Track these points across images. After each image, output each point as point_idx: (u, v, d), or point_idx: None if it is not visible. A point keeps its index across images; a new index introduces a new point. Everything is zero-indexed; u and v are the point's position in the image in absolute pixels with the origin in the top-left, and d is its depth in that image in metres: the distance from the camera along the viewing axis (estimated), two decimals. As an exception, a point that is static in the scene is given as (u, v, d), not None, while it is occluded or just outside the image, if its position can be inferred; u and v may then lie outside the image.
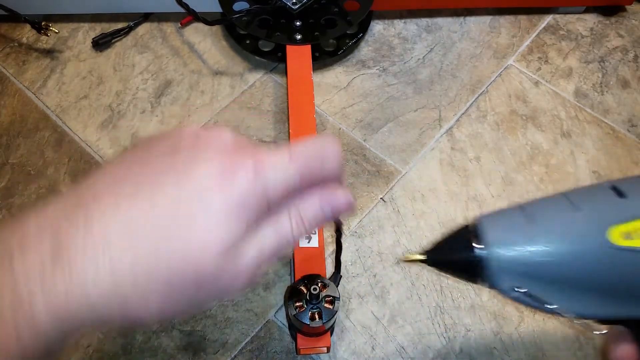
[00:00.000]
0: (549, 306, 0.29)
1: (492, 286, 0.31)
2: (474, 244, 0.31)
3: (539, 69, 0.60)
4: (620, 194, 0.30)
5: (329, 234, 0.50)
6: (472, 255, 0.31)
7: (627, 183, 0.30)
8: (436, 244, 0.33)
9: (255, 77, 0.59)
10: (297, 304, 0.40)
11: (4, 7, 0.57)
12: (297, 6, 0.57)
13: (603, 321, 0.33)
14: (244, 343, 0.45)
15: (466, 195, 0.52)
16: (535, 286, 0.30)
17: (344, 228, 0.50)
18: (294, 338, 0.43)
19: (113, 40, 0.61)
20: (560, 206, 0.30)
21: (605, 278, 0.29)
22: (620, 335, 0.33)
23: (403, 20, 0.64)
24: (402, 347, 0.44)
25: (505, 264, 0.30)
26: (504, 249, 0.30)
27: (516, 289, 0.30)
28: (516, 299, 0.30)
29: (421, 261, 0.33)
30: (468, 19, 0.64)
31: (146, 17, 0.63)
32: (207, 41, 0.62)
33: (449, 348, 0.44)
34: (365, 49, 0.61)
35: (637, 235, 0.28)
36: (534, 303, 0.30)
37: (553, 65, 0.60)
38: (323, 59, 0.60)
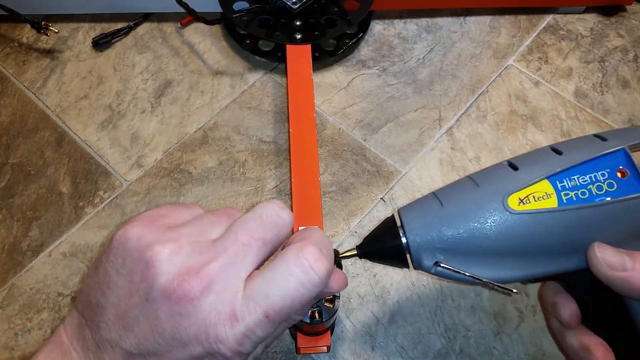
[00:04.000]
0: (467, 275, 0.32)
1: (418, 266, 0.34)
2: (396, 232, 0.34)
3: (539, 69, 0.60)
4: (514, 167, 0.33)
5: (329, 233, 0.50)
6: (395, 242, 0.34)
7: (520, 158, 0.34)
8: (365, 238, 0.36)
9: (255, 77, 0.59)
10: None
11: (4, 7, 0.57)
12: (297, 6, 0.57)
13: (527, 281, 0.35)
14: (243, 343, 0.45)
15: (466, 195, 0.52)
16: (453, 260, 0.33)
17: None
18: (294, 337, 0.43)
19: (113, 40, 0.61)
20: (465, 186, 0.34)
21: (511, 241, 0.32)
22: (556, 290, 0.36)
23: (403, 20, 0.64)
24: (402, 347, 0.44)
25: (424, 244, 0.33)
26: (422, 232, 0.33)
27: (437, 265, 0.33)
28: (439, 274, 0.33)
29: (354, 255, 0.36)
30: (468, 19, 0.64)
31: (146, 17, 0.63)
32: (207, 41, 0.62)
33: (449, 348, 0.44)
34: (365, 49, 0.61)
35: (530, 200, 0.32)
36: (454, 275, 0.33)
37: (553, 65, 0.60)
38: (323, 59, 0.60)
